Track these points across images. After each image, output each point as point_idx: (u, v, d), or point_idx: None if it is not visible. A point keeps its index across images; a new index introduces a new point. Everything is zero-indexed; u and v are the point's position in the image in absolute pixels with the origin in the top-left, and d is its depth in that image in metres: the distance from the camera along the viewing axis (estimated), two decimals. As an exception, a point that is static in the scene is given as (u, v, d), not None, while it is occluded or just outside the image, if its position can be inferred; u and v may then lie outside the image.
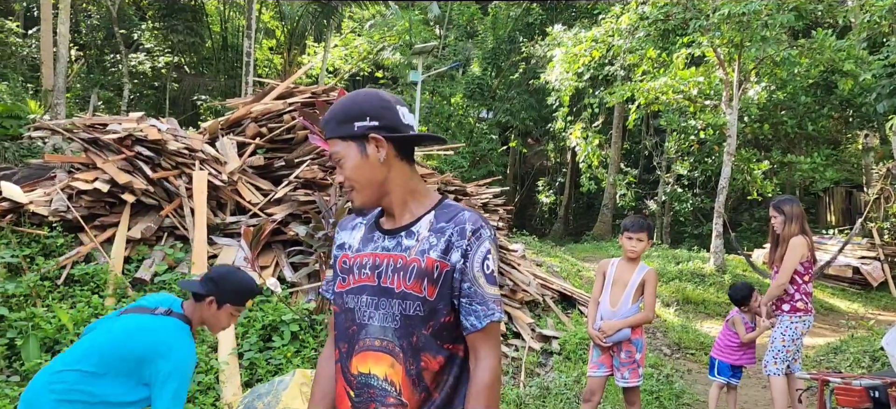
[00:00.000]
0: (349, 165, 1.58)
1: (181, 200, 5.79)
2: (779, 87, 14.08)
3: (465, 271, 1.53)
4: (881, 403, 3.28)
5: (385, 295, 1.56)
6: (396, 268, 1.56)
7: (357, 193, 1.60)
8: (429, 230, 1.57)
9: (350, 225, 1.73)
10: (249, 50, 12.72)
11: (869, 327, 9.16)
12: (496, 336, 1.57)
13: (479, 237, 1.54)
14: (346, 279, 1.63)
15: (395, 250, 1.58)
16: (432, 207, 1.62)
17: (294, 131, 6.63)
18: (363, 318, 1.59)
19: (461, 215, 1.58)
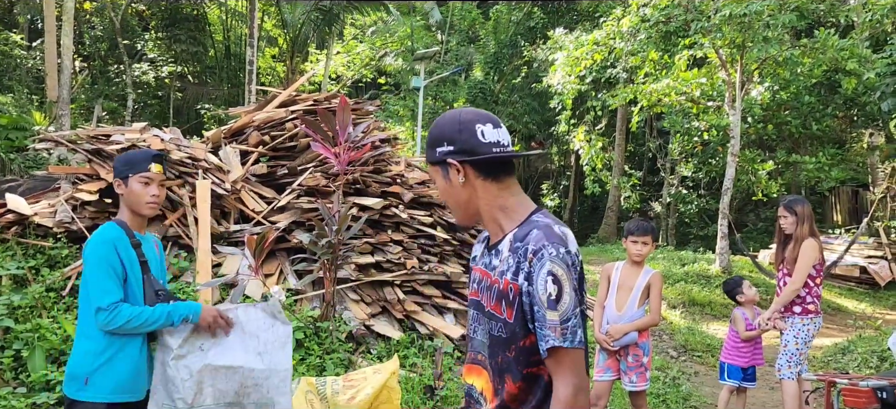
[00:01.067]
0: (439, 189, 1.65)
1: (185, 209, 5.81)
2: (782, 87, 14.04)
3: (532, 293, 1.50)
4: (889, 404, 3.25)
5: (482, 312, 1.63)
6: (488, 286, 1.61)
7: (452, 212, 1.68)
8: (509, 250, 1.56)
9: (481, 238, 1.79)
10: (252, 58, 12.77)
11: (876, 326, 9.11)
12: (568, 362, 1.49)
13: (541, 258, 1.49)
14: (472, 289, 1.72)
15: (490, 268, 1.62)
16: (518, 224, 1.59)
17: (297, 139, 6.64)
18: (472, 330, 1.69)
19: (531, 232, 1.54)
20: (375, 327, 5.66)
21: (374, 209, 6.14)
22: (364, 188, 6.38)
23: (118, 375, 2.48)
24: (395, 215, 6.36)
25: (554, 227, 1.54)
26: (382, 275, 5.99)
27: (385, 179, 6.60)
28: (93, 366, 2.46)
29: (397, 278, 6.03)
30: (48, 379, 4.10)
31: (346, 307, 5.68)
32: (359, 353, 5.41)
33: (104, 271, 2.43)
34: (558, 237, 1.51)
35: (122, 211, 2.62)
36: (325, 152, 5.36)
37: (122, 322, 2.43)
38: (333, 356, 5.03)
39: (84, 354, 2.48)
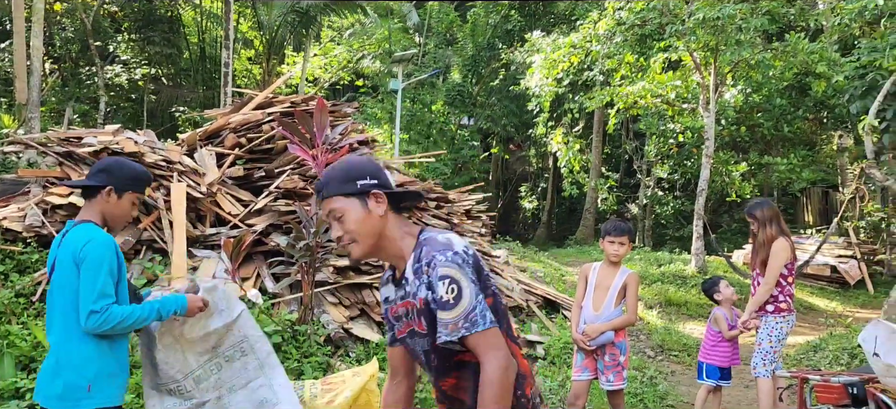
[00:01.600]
0: (352, 219, 1.78)
1: (159, 212, 5.72)
2: (754, 89, 14.30)
3: (436, 299, 1.72)
4: (859, 399, 3.32)
5: (415, 335, 1.85)
6: (409, 312, 1.83)
7: (357, 245, 1.80)
8: (412, 274, 1.78)
9: (385, 279, 1.98)
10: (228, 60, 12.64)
11: (847, 324, 9.30)
12: (483, 343, 1.71)
13: (433, 267, 1.71)
14: (397, 329, 1.91)
15: (403, 298, 1.83)
16: (413, 248, 1.81)
17: (273, 141, 6.59)
18: (413, 350, 1.90)
19: (422, 250, 1.76)
20: (354, 329, 5.62)
21: (353, 212, 6.10)
22: (342, 191, 6.35)
23: (119, 376, 2.50)
24: (374, 217, 6.32)
25: (437, 237, 1.78)
26: (361, 277, 5.96)
27: (363, 181, 6.56)
28: (95, 371, 2.41)
29: (376, 281, 6.01)
30: (18, 387, 4.00)
31: (324, 310, 5.64)
32: (337, 356, 5.37)
33: (105, 274, 2.40)
34: (442, 244, 1.74)
35: (94, 215, 2.57)
36: (302, 154, 5.32)
37: (114, 323, 2.39)
38: (311, 360, 4.99)
39: (85, 360, 2.41)
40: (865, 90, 10.41)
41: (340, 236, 1.78)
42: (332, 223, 1.80)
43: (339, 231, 1.79)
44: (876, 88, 10.00)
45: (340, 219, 1.78)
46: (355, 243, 1.78)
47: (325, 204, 1.81)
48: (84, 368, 2.41)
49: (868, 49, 10.02)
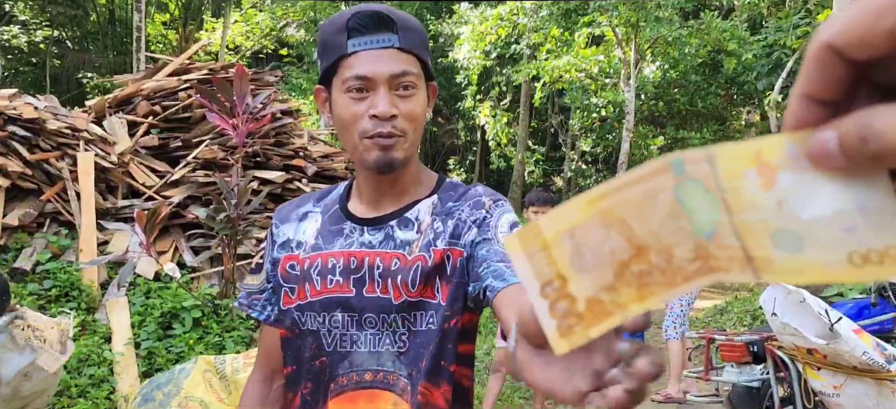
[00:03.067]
0: (419, 101, 1.13)
1: (65, 183, 5.37)
2: (671, 66, 14.86)
3: (485, 235, 1.10)
4: (759, 356, 3.56)
5: (375, 309, 1.11)
6: (391, 271, 1.11)
7: (407, 140, 1.12)
8: (431, 214, 1.15)
9: (295, 214, 1.25)
10: (140, 24, 11.92)
11: (749, 289, 9.93)
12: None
13: (501, 205, 1.15)
14: (298, 290, 1.16)
15: (384, 246, 1.13)
16: (433, 188, 1.21)
17: (191, 110, 6.29)
18: (340, 343, 1.13)
19: (473, 189, 1.20)
20: (278, 303, 5.51)
21: (276, 183, 5.94)
22: (265, 161, 6.16)
23: None
24: (299, 189, 6.18)
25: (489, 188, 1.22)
26: (285, 250, 5.83)
27: (287, 152, 6.40)
28: None
29: (301, 253, 5.89)
30: None
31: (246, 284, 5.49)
32: (260, 330, 5.25)
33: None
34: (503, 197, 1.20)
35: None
36: (221, 124, 5.11)
37: None
38: (234, 334, 4.85)
39: None
40: (771, 68, 11.02)
41: (394, 116, 1.09)
42: (383, 93, 1.09)
43: (393, 107, 1.08)
44: (781, 65, 10.61)
45: (407, 90, 1.11)
46: (406, 135, 1.11)
47: (394, 58, 1.10)
48: None
49: (774, 28, 10.60)
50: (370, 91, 1.09)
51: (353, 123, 1.10)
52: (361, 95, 1.09)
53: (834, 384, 3.06)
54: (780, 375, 3.41)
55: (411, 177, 1.19)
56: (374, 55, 1.09)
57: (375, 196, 1.18)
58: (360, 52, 1.10)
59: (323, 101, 1.19)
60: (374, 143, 1.09)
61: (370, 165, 1.11)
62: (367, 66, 1.09)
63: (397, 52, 1.11)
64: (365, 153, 1.11)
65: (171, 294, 4.89)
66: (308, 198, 1.29)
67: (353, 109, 1.10)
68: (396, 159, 1.11)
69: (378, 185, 1.17)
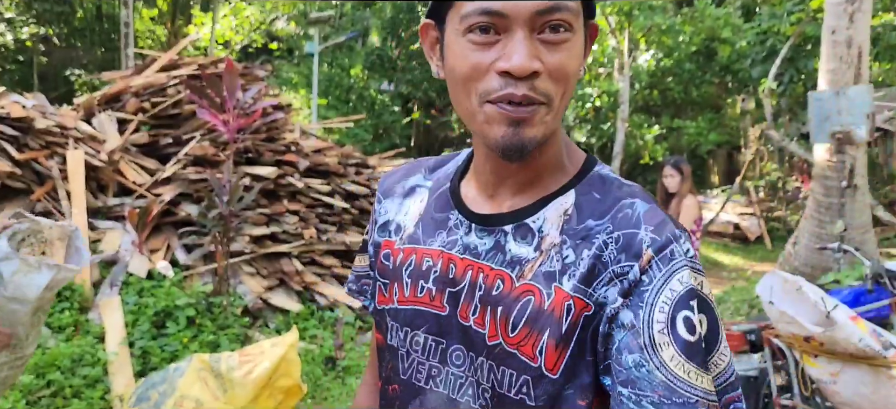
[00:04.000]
0: (575, 53, 0.77)
1: (54, 182, 5.30)
2: (666, 54, 14.85)
3: (636, 326, 0.73)
4: (756, 345, 3.55)
5: (465, 343, 0.82)
6: (490, 296, 0.81)
7: (550, 111, 0.77)
8: (560, 229, 0.80)
9: (400, 187, 0.98)
10: (127, 19, 11.81)
11: (747, 277, 9.95)
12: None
13: (670, 260, 0.75)
14: (389, 289, 0.91)
15: (490, 259, 0.82)
16: (571, 179, 0.85)
17: (181, 106, 6.22)
18: (416, 373, 0.86)
19: (629, 205, 0.79)
20: (273, 300, 5.47)
21: (268, 179, 5.89)
22: (257, 157, 6.11)
23: None
24: (291, 184, 6.14)
25: (637, 190, 0.83)
26: (279, 246, 5.79)
27: (279, 147, 6.34)
28: None
29: (295, 249, 5.85)
30: None
31: (240, 281, 5.45)
32: (256, 327, 5.22)
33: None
34: (680, 225, 0.79)
35: None
36: (212, 119, 5.05)
37: None
38: (228, 332, 4.81)
39: None
40: (765, 55, 11.02)
41: (535, 73, 0.74)
42: (522, 37, 0.73)
43: (534, 60, 0.73)
44: (775, 53, 10.60)
45: (558, 32, 0.75)
46: (551, 102, 0.76)
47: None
48: None
49: (768, 15, 10.58)
50: (502, 34, 0.74)
51: (472, 79, 0.76)
52: (488, 39, 0.74)
53: (831, 371, 3.05)
54: (777, 363, 3.40)
55: (549, 161, 0.84)
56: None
57: (493, 182, 0.85)
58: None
59: (432, 42, 0.85)
60: (501, 112, 0.75)
61: (493, 145, 0.77)
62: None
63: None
64: (486, 126, 0.77)
65: (165, 293, 4.85)
66: (418, 166, 1.00)
67: (475, 59, 0.75)
68: (532, 140, 0.76)
69: (497, 168, 0.84)
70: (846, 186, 6.20)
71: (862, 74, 6.22)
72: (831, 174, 6.30)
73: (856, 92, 6.09)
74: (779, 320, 3.14)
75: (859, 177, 6.24)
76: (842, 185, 6.23)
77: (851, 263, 5.39)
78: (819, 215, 6.47)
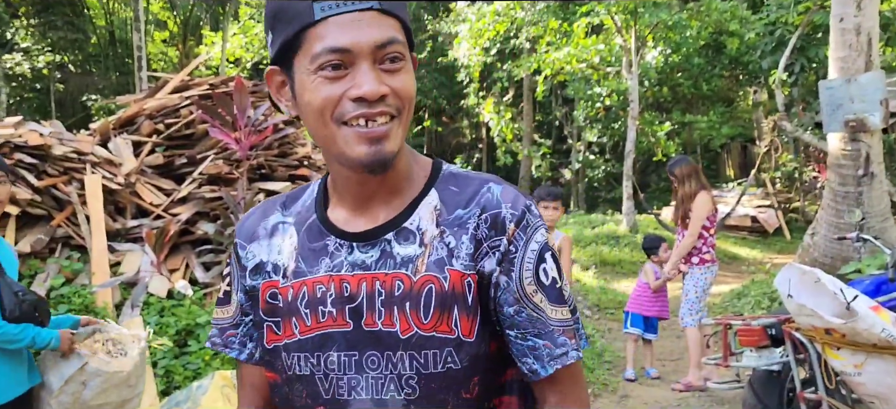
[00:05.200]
0: (408, 76, 0.90)
1: (74, 207, 5.39)
2: (673, 50, 14.77)
3: (509, 285, 0.91)
4: (777, 339, 3.51)
5: (378, 347, 0.91)
6: (394, 297, 0.90)
7: (400, 123, 0.89)
8: (436, 223, 0.93)
9: (262, 229, 1.02)
10: (140, 43, 11.99)
11: (766, 271, 9.85)
12: (580, 377, 0.97)
13: (526, 227, 0.93)
14: (284, 325, 0.95)
15: (382, 267, 0.92)
16: (427, 180, 0.97)
17: (194, 126, 6.30)
18: (338, 390, 0.93)
19: (487, 191, 0.94)
20: (291, 314, 5.51)
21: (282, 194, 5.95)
22: (270, 173, 6.17)
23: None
24: (305, 197, 6.18)
25: (484, 176, 0.98)
26: (295, 260, 5.83)
27: (292, 162, 6.40)
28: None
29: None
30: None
31: (259, 297, 5.49)
32: (275, 342, 5.25)
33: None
34: (527, 195, 0.98)
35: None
36: (224, 138, 5.12)
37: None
38: (248, 348, 4.85)
39: None
40: (775, 46, 10.93)
41: (385, 95, 0.86)
42: (367, 68, 0.85)
43: (381, 85, 0.86)
44: (784, 43, 10.51)
45: (395, 62, 0.88)
46: (400, 118, 0.89)
47: (377, 23, 0.86)
48: None
49: (776, 5, 10.49)
50: (349, 67, 0.85)
51: (327, 109, 0.86)
52: (338, 74, 0.85)
53: (854, 362, 3.01)
54: (799, 357, 3.36)
55: (403, 170, 0.95)
56: (351, 20, 0.84)
57: (360, 200, 0.94)
58: (331, 18, 0.84)
59: (278, 86, 0.94)
60: (360, 133, 0.86)
61: (356, 164, 0.88)
62: (345, 34, 0.84)
63: (379, 16, 0.86)
64: (346, 148, 0.87)
65: (185, 311, 4.90)
66: (271, 205, 1.04)
67: (327, 93, 0.85)
68: (391, 153, 0.88)
69: (363, 186, 0.93)
70: (863, 175, 6.13)
71: (873, 61, 6.15)
72: (847, 163, 6.24)
73: (868, 79, 6.03)
74: (799, 314, 3.11)
75: (876, 164, 6.17)
76: (858, 173, 6.16)
77: (872, 251, 5.33)
78: (836, 204, 6.40)
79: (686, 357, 5.28)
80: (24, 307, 2.51)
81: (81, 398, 2.78)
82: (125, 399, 2.98)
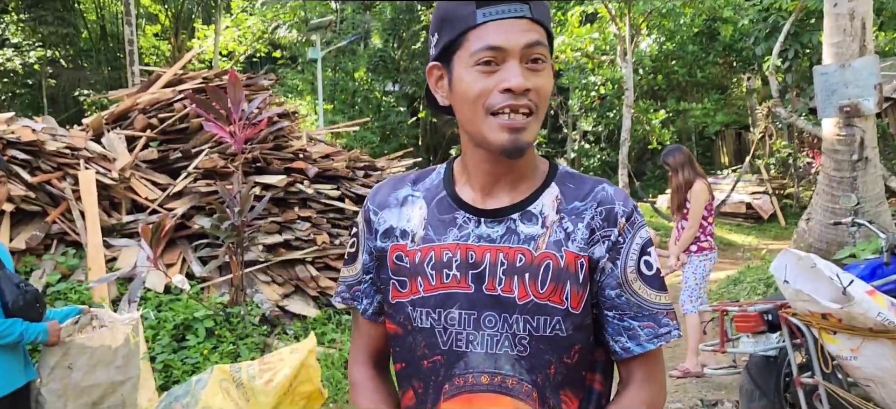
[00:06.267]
0: (548, 76, 1.05)
1: (68, 203, 5.36)
2: (667, 38, 14.77)
3: (614, 271, 1.07)
4: (773, 324, 3.52)
5: (496, 308, 1.04)
6: (515, 268, 1.04)
7: (536, 120, 1.04)
8: (556, 211, 1.08)
9: (393, 198, 1.16)
10: (131, 37, 11.89)
11: (762, 256, 9.89)
12: (661, 361, 1.12)
13: (634, 224, 1.09)
14: (410, 284, 1.09)
15: (507, 241, 1.06)
16: (547, 175, 1.12)
17: (188, 120, 6.27)
18: (456, 342, 1.06)
19: (602, 190, 1.10)
20: (289, 306, 5.51)
21: (278, 187, 5.93)
22: (265, 166, 6.15)
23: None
24: (301, 191, 6.17)
25: (615, 186, 1.14)
26: (293, 253, 5.82)
27: (287, 155, 6.38)
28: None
29: (308, 255, 5.89)
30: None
31: (257, 290, 5.49)
32: (274, 335, 5.26)
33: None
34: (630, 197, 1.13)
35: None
36: (218, 132, 5.09)
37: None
38: (248, 341, 4.86)
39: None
40: (768, 32, 10.92)
41: (528, 90, 1.00)
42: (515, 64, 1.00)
43: (527, 80, 1.00)
44: (778, 29, 10.51)
45: (538, 63, 1.03)
46: (537, 113, 1.03)
47: (527, 28, 1.02)
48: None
49: (770, -8, 10.47)
50: (501, 64, 1.01)
51: (480, 98, 1.01)
52: (490, 69, 1.01)
53: (851, 347, 3.03)
54: (796, 342, 3.38)
55: (529, 162, 1.10)
56: (507, 25, 1.01)
57: (490, 182, 1.09)
58: (490, 23, 1.01)
59: (437, 78, 1.10)
60: (503, 123, 1.01)
61: (496, 148, 1.02)
62: (500, 35, 1.00)
63: (530, 23, 1.02)
64: (490, 134, 1.02)
65: (183, 306, 4.89)
66: (402, 180, 1.19)
67: (482, 84, 1.01)
68: (526, 143, 1.02)
69: (494, 170, 1.08)
70: (857, 160, 6.15)
71: (867, 46, 6.16)
72: (841, 148, 6.25)
73: (862, 64, 6.03)
74: (795, 299, 3.13)
75: (870, 149, 6.18)
76: (853, 158, 6.18)
77: (867, 236, 5.35)
78: (831, 189, 6.42)
79: (683, 344, 5.30)
80: (26, 298, 2.53)
81: (71, 382, 2.79)
82: (115, 381, 2.98)
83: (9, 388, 2.54)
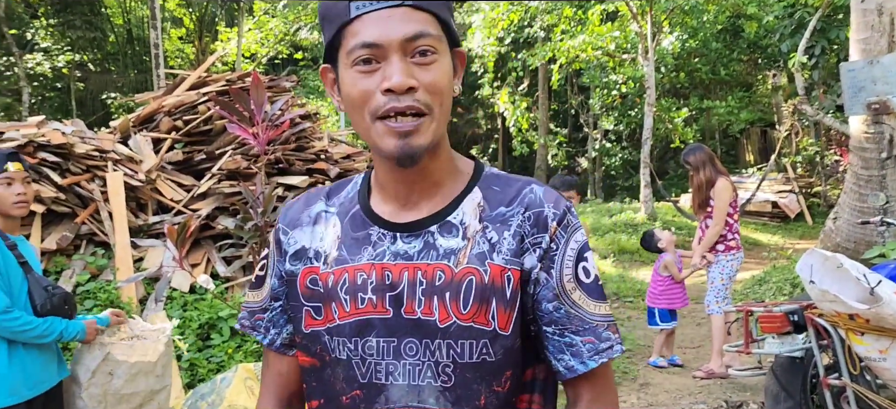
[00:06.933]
0: (442, 69, 0.92)
1: (97, 204, 5.48)
2: (690, 35, 14.60)
3: (550, 281, 0.95)
4: (799, 325, 3.47)
5: (416, 334, 0.93)
6: (435, 287, 0.93)
7: (433, 119, 0.91)
8: (479, 219, 0.96)
9: (305, 216, 1.04)
10: (157, 41, 12.09)
11: (788, 256, 9.74)
12: (611, 378, 0.99)
13: (567, 227, 0.96)
14: (324, 310, 0.97)
15: (425, 257, 0.94)
16: (470, 179, 1.00)
17: (212, 122, 6.37)
18: (375, 374, 0.95)
19: (530, 192, 0.98)
20: (311, 306, 5.56)
21: (301, 188, 5.99)
22: (288, 167, 6.22)
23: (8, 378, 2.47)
24: (323, 191, 6.22)
25: (544, 186, 1.02)
26: (314, 253, 5.87)
27: (309, 156, 6.44)
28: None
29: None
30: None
31: (279, 290, 5.55)
32: (296, 334, 5.31)
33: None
34: (556, 195, 1.00)
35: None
36: (242, 133, 5.15)
37: (16, 327, 2.40)
38: (270, 341, 4.91)
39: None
40: (794, 28, 10.75)
41: (412, 89, 0.88)
42: (396, 61, 0.88)
43: (409, 78, 0.88)
44: (804, 25, 10.34)
45: (426, 55, 0.90)
46: (432, 113, 0.91)
47: (407, 18, 0.89)
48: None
49: (795, -12, 10.31)
50: (381, 61, 0.89)
51: (362, 102, 0.90)
52: (371, 68, 0.89)
53: (879, 348, 2.98)
54: (822, 343, 3.32)
55: (444, 166, 0.98)
56: (382, 16, 0.88)
57: (403, 193, 0.97)
58: (365, 16, 0.89)
59: (331, 83, 0.98)
60: (389, 127, 0.89)
61: (386, 155, 0.91)
62: (375, 30, 0.88)
63: (410, 11, 0.89)
64: (379, 141, 0.90)
65: (207, 305, 4.97)
66: (316, 196, 1.06)
67: (363, 85, 0.89)
68: (420, 147, 0.89)
69: (404, 179, 0.96)
70: (886, 158, 6.03)
71: (895, 42, 6.04)
72: (870, 146, 6.13)
73: (890, 60, 5.91)
74: (821, 300, 3.08)
75: (900, 147, 6.06)
76: (881, 156, 6.05)
77: (896, 235, 5.25)
78: (859, 188, 6.30)
79: (707, 345, 5.25)
80: (54, 301, 2.58)
81: (111, 388, 2.84)
82: (154, 389, 3.04)
83: (45, 386, 2.59)
